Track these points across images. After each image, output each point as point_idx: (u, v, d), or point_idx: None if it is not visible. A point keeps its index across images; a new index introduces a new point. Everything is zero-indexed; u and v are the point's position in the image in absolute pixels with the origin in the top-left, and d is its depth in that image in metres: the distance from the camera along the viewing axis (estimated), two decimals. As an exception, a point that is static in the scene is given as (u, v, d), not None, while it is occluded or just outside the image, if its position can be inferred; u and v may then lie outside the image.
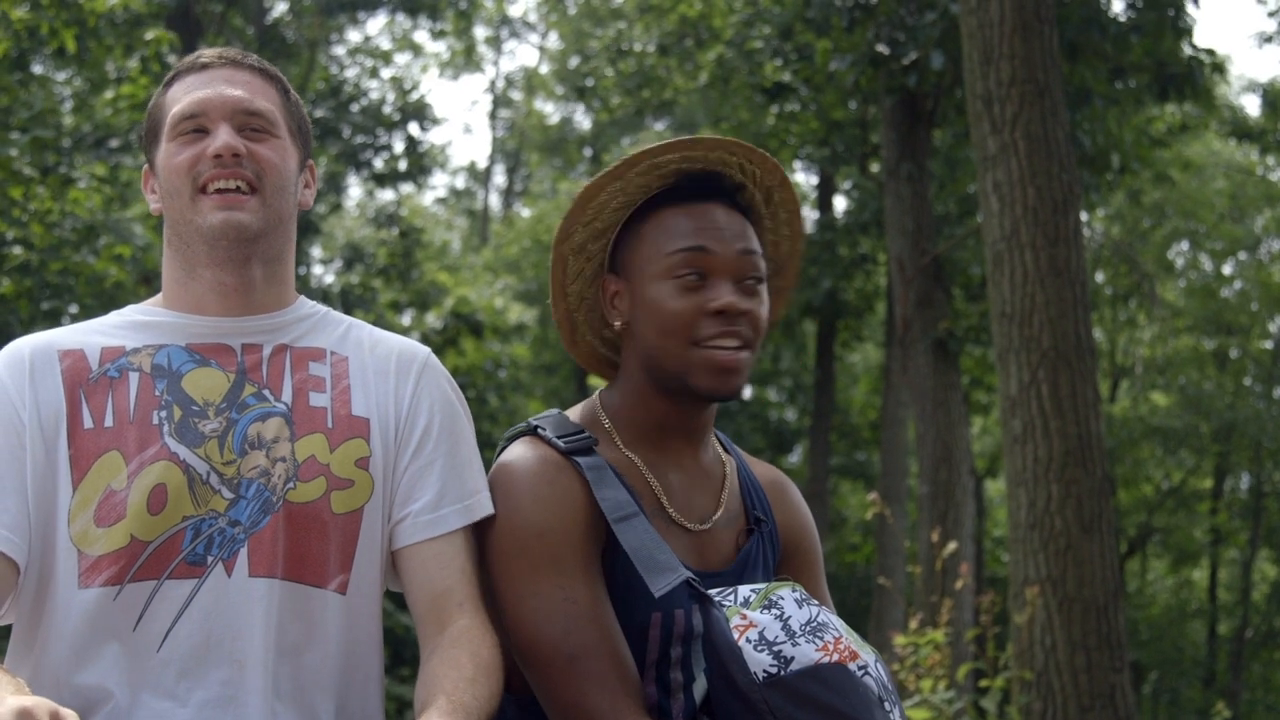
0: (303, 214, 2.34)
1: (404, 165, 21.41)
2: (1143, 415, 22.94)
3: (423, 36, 29.77)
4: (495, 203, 34.28)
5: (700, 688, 2.06)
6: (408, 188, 25.95)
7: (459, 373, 17.45)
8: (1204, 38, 53.32)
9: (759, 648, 1.99)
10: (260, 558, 2.05)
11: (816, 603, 2.08)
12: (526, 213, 29.98)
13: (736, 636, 2.00)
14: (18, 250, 11.38)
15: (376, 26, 39.34)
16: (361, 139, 21.01)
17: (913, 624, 6.03)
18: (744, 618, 2.02)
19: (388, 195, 23.61)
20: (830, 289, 17.42)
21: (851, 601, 21.68)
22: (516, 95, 33.13)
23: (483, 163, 39.08)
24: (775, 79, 15.34)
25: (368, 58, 24.19)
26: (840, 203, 20.57)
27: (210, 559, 2.04)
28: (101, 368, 2.14)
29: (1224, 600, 26.15)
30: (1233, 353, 24.27)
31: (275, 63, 2.38)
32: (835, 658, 2.00)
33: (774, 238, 2.38)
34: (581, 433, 2.21)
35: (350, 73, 23.10)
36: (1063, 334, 7.18)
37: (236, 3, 19.31)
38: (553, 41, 30.31)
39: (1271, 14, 18.11)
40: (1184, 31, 12.26)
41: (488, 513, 2.16)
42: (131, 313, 2.24)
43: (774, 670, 1.97)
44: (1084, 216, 14.07)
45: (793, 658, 1.98)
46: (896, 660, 5.88)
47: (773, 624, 2.02)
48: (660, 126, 22.80)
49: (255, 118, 2.19)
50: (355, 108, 21.01)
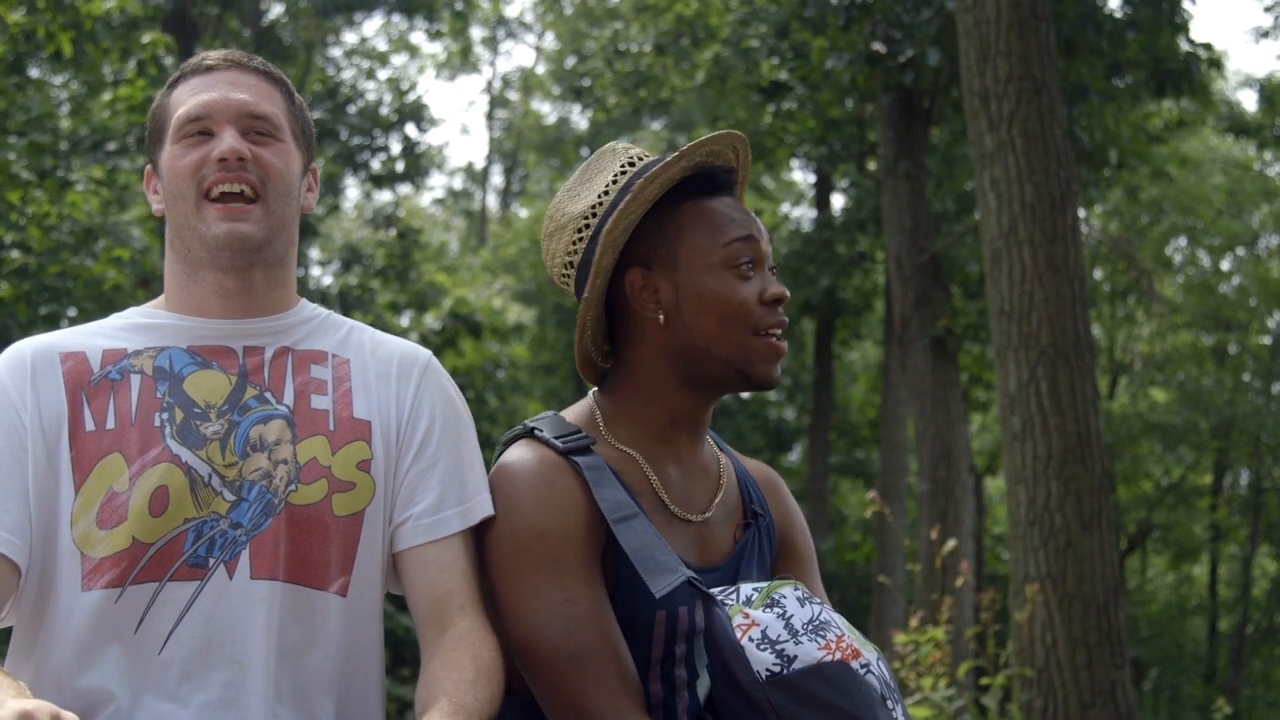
0: (300, 216, 2.34)
1: (401, 166, 21.42)
2: (1142, 412, 22.94)
3: (419, 37, 29.84)
4: (493, 203, 34.28)
5: (704, 685, 2.06)
6: (405, 189, 25.98)
7: (457, 373, 17.42)
8: (1201, 33, 53.39)
9: (761, 646, 1.99)
10: (262, 560, 2.05)
11: (819, 601, 2.08)
12: (524, 213, 29.97)
13: (739, 635, 2.00)
14: (16, 254, 11.38)
15: (373, 28, 39.32)
16: (359, 140, 21.01)
17: (913, 622, 6.02)
18: (746, 616, 2.02)
19: (385, 196, 23.60)
20: (828, 287, 17.43)
21: (852, 600, 21.66)
22: (513, 96, 33.13)
23: (480, 163, 39.10)
24: (772, 78, 15.33)
25: (364, 59, 24.20)
26: (838, 201, 20.58)
27: (212, 561, 2.04)
28: (103, 370, 2.14)
29: (1224, 596, 26.15)
30: (1231, 348, 24.27)
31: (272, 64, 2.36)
32: (838, 656, 2.00)
33: None
34: (579, 433, 2.20)
35: (347, 74, 23.11)
36: (1061, 331, 7.18)
37: (233, 5, 19.31)
38: (549, 42, 30.29)
39: (1268, 9, 18.08)
40: (1180, 27, 12.26)
41: (487, 514, 2.16)
42: (133, 315, 2.24)
43: (777, 669, 1.97)
44: (1082, 213, 14.08)
45: (795, 656, 1.98)
46: (897, 658, 5.88)
47: (775, 622, 2.01)
48: (657, 126, 22.79)
49: (260, 121, 2.19)
50: (352, 109, 21.01)
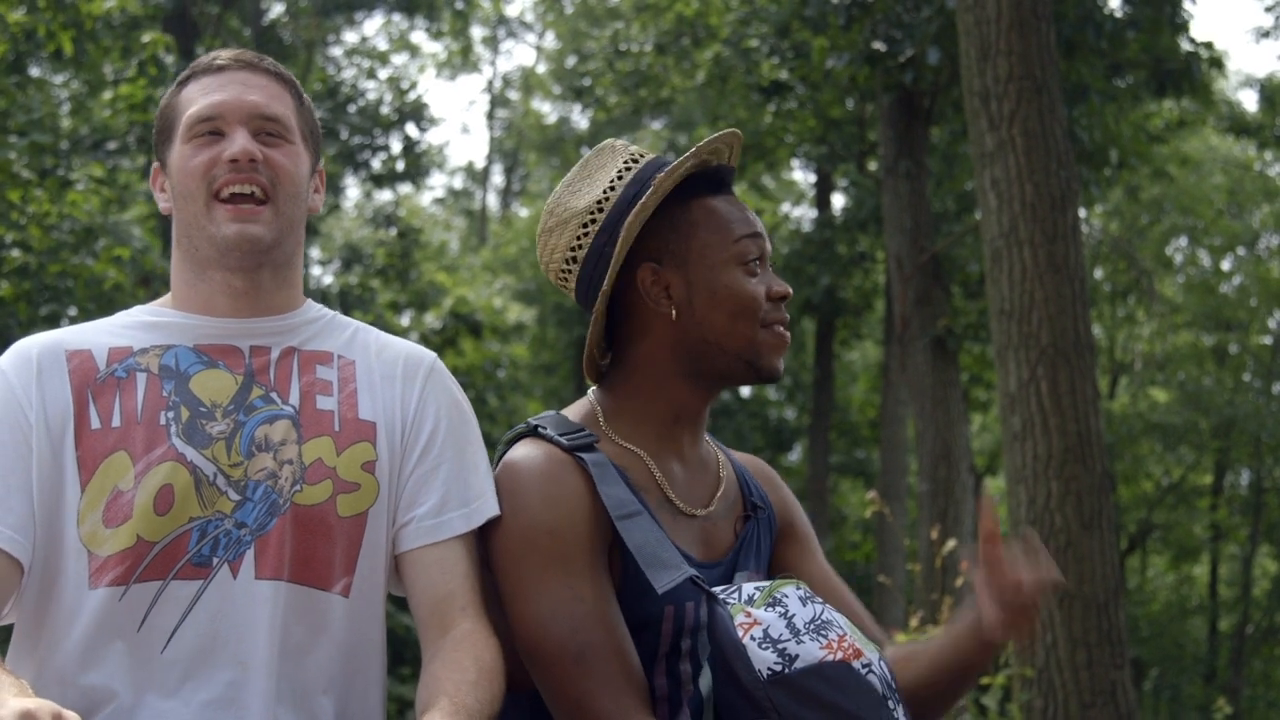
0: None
1: (402, 166, 21.42)
2: (1142, 411, 22.93)
3: (420, 37, 29.84)
4: (493, 203, 34.28)
5: (705, 680, 2.06)
6: (406, 188, 25.96)
7: (458, 373, 17.38)
8: (1201, 33, 53.36)
9: (763, 645, 1.99)
10: (266, 560, 2.06)
11: (821, 601, 2.09)
12: (524, 212, 29.98)
13: (741, 634, 2.00)
14: (16, 253, 11.38)
15: (373, 27, 39.29)
16: (359, 140, 21.01)
17: (913, 622, 6.03)
18: (748, 615, 2.02)
19: (386, 196, 23.59)
20: (829, 287, 17.41)
21: (852, 599, 21.62)
22: (514, 95, 33.12)
23: (480, 163, 39.07)
24: (772, 77, 15.33)
25: (365, 58, 24.19)
26: (838, 200, 20.57)
27: (216, 560, 2.05)
28: (109, 368, 2.14)
29: (1224, 596, 26.14)
30: (1232, 348, 24.26)
31: (272, 64, 2.38)
32: (839, 655, 2.00)
33: None
34: (583, 431, 2.21)
35: (347, 73, 23.10)
36: (1061, 330, 7.18)
37: (233, 4, 19.30)
38: (550, 41, 30.29)
39: (1268, 9, 18.07)
40: (1181, 27, 12.26)
41: (492, 515, 2.16)
42: (139, 313, 2.24)
43: (778, 668, 1.97)
44: (1082, 213, 14.06)
45: (797, 655, 1.98)
46: (897, 658, 5.87)
47: (777, 621, 2.02)
48: (657, 126, 22.78)
49: (271, 123, 2.19)
50: (352, 108, 21.00)
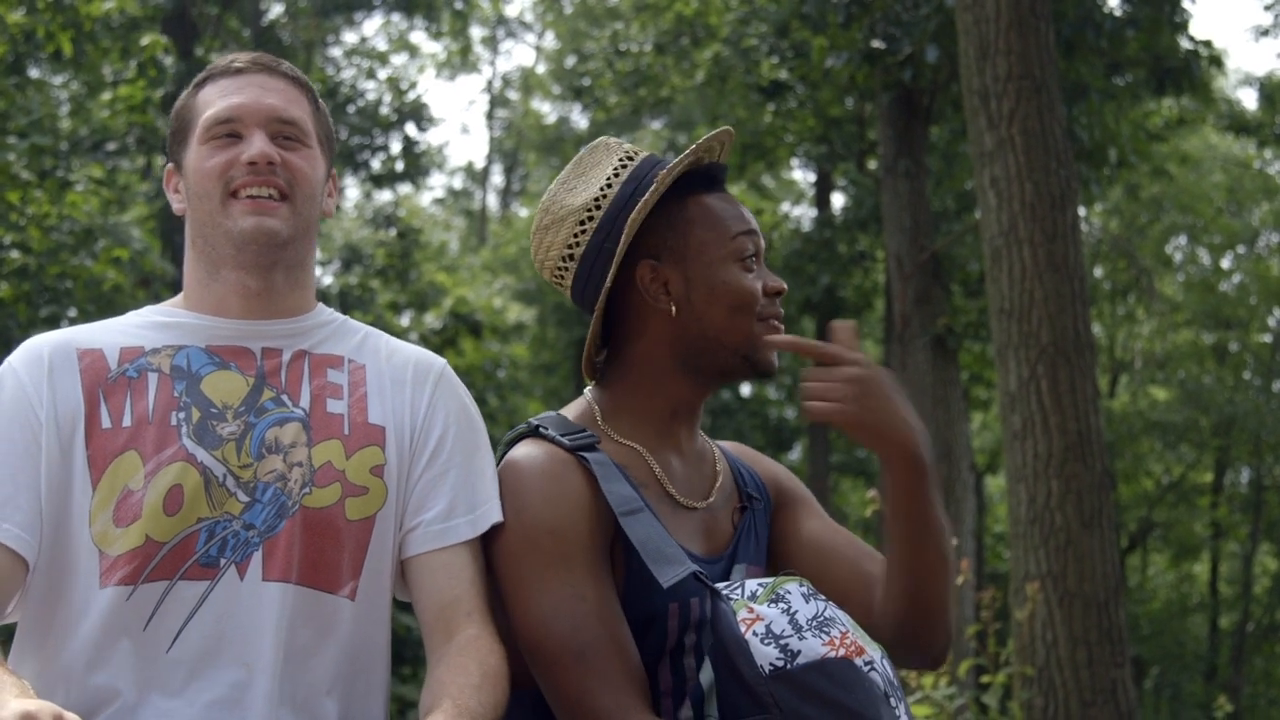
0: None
1: (401, 166, 21.43)
2: (1142, 410, 22.94)
3: (419, 37, 29.84)
4: (493, 203, 34.28)
5: (706, 673, 2.07)
6: (405, 188, 25.96)
7: (458, 373, 17.37)
8: (1200, 31, 53.40)
9: (765, 641, 1.99)
10: (275, 562, 2.06)
11: (824, 598, 2.09)
12: (524, 212, 29.99)
13: (744, 630, 2.00)
14: (15, 254, 11.39)
15: (372, 27, 39.29)
16: (358, 140, 21.01)
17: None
18: (751, 611, 2.03)
19: (385, 196, 23.59)
20: (829, 286, 17.40)
21: (852, 598, 21.62)
22: (513, 95, 33.13)
23: (480, 163, 39.08)
24: (772, 77, 15.33)
25: (364, 59, 24.19)
26: (838, 200, 20.57)
27: (223, 561, 2.05)
28: (120, 367, 2.15)
29: (1225, 594, 26.14)
30: (1232, 346, 24.25)
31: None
32: (841, 652, 2.00)
33: None
34: (584, 431, 2.23)
35: (347, 74, 23.10)
36: (1061, 329, 7.19)
37: (233, 5, 19.30)
38: (549, 41, 30.29)
39: (1268, 7, 18.06)
40: (1180, 26, 12.26)
41: (496, 520, 2.17)
42: (150, 313, 2.25)
43: (780, 664, 1.98)
44: (1081, 211, 14.08)
45: (799, 651, 1.99)
46: (898, 657, 5.88)
47: (779, 618, 2.02)
48: (657, 125, 22.77)
49: (289, 126, 2.21)
50: (352, 109, 21.01)
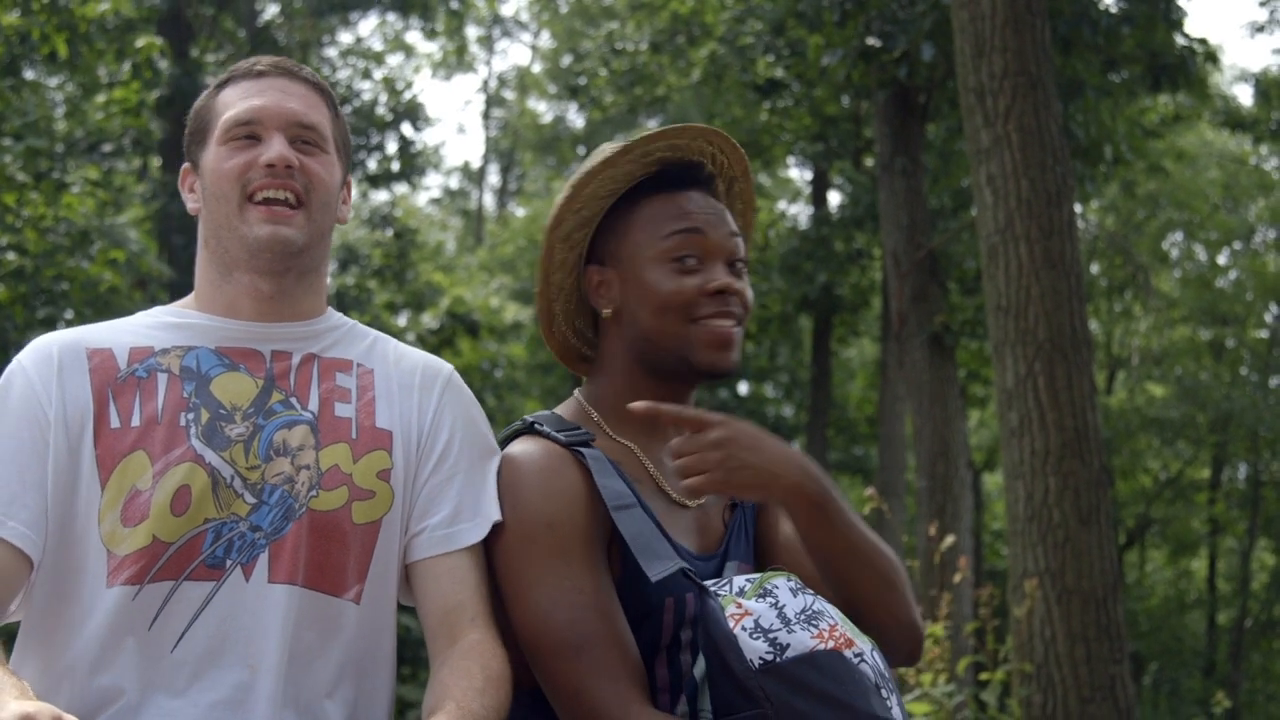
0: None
1: (397, 166, 21.40)
2: (1139, 406, 22.95)
3: (415, 37, 29.80)
4: (490, 202, 34.27)
5: (700, 669, 2.08)
6: (402, 188, 25.94)
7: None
8: (1196, 28, 53.43)
9: (754, 635, 2.00)
10: (281, 564, 2.07)
11: (811, 592, 2.09)
12: (521, 212, 30.00)
13: (732, 625, 2.01)
14: (12, 256, 11.38)
15: (368, 28, 39.34)
16: (355, 140, 20.92)
17: (912, 618, 6.01)
18: (739, 606, 2.03)
19: (382, 196, 23.58)
20: (825, 284, 17.41)
21: (851, 596, 21.60)
22: (509, 95, 33.12)
23: (476, 162, 39.05)
24: (768, 75, 15.33)
25: (360, 59, 24.16)
26: (834, 198, 20.57)
27: (229, 563, 2.06)
28: (130, 367, 2.15)
29: (1223, 590, 26.16)
30: (1229, 343, 24.26)
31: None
32: (831, 645, 2.01)
33: None
34: (578, 428, 2.24)
35: (342, 74, 23.07)
36: (1058, 326, 7.19)
37: (228, 5, 19.28)
38: (545, 40, 30.29)
39: (1263, 3, 18.09)
40: (1176, 23, 12.25)
41: (496, 519, 2.18)
42: (160, 313, 2.25)
43: (769, 657, 1.98)
44: (1078, 208, 14.07)
45: (788, 645, 1.99)
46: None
47: (768, 612, 2.02)
48: (653, 124, 22.78)
49: (308, 131, 2.22)
50: (348, 109, 20.98)
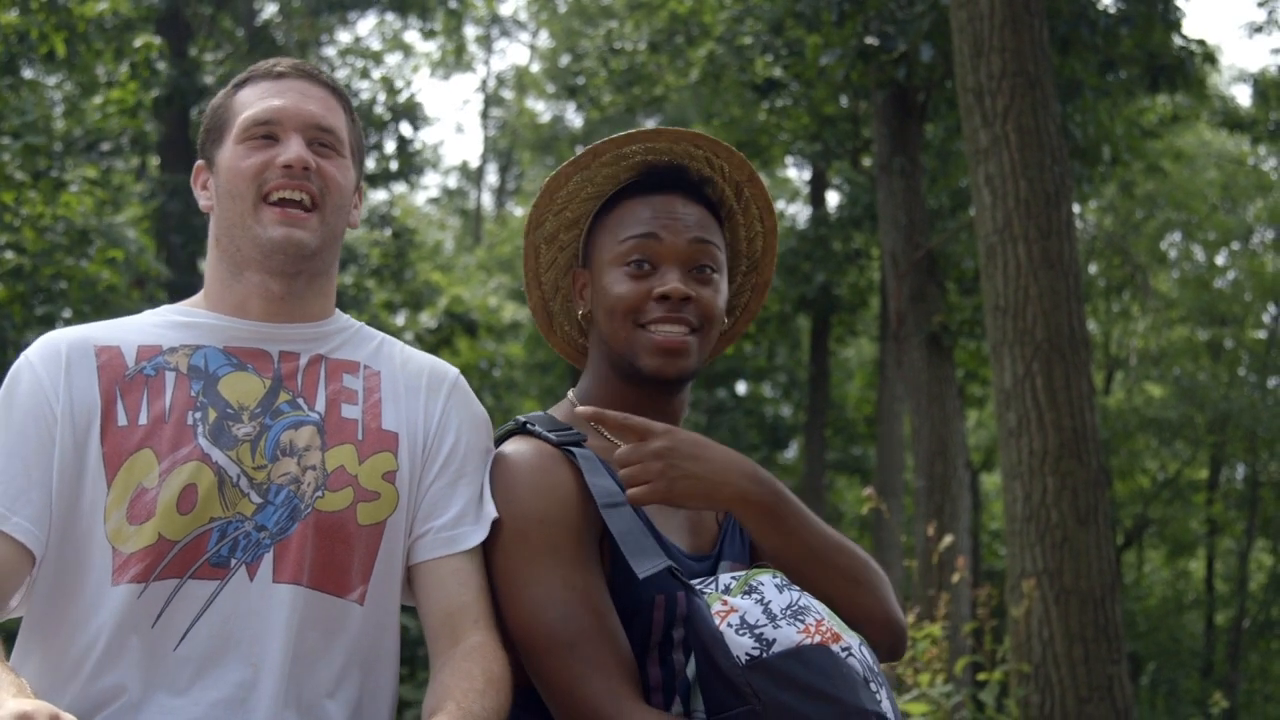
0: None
1: (396, 165, 21.38)
2: (1137, 407, 22.95)
3: (413, 36, 29.78)
4: (488, 202, 34.26)
5: (692, 669, 2.08)
6: (400, 188, 25.94)
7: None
8: (1194, 28, 53.47)
9: (740, 631, 2.00)
10: (286, 564, 2.07)
11: (798, 589, 2.10)
12: (519, 211, 29.98)
13: (718, 622, 2.01)
14: (10, 255, 11.37)
15: (367, 27, 39.32)
16: (353, 140, 20.88)
17: (910, 618, 6.03)
18: (725, 603, 2.04)
19: (380, 195, 23.58)
20: (824, 284, 17.42)
21: (849, 596, 21.59)
22: (508, 94, 33.10)
23: (475, 162, 39.06)
24: (766, 75, 15.33)
25: (358, 58, 24.15)
26: (833, 198, 20.57)
27: (234, 562, 2.06)
28: (137, 365, 2.15)
29: (1221, 591, 26.16)
30: (1227, 343, 24.27)
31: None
32: (817, 639, 2.01)
33: (748, 234, 2.43)
34: (570, 428, 2.26)
35: (341, 74, 23.07)
36: (1056, 326, 7.19)
37: (226, 5, 19.26)
38: (543, 40, 30.28)
39: (1261, 4, 18.09)
40: (1174, 23, 12.25)
41: (493, 517, 2.19)
42: (168, 312, 2.26)
43: (756, 653, 1.98)
44: (1076, 208, 14.08)
45: (774, 640, 1.99)
46: (894, 654, 5.86)
47: (753, 608, 2.03)
48: (651, 124, 22.78)
49: (326, 134, 2.23)
50: (347, 108, 20.89)
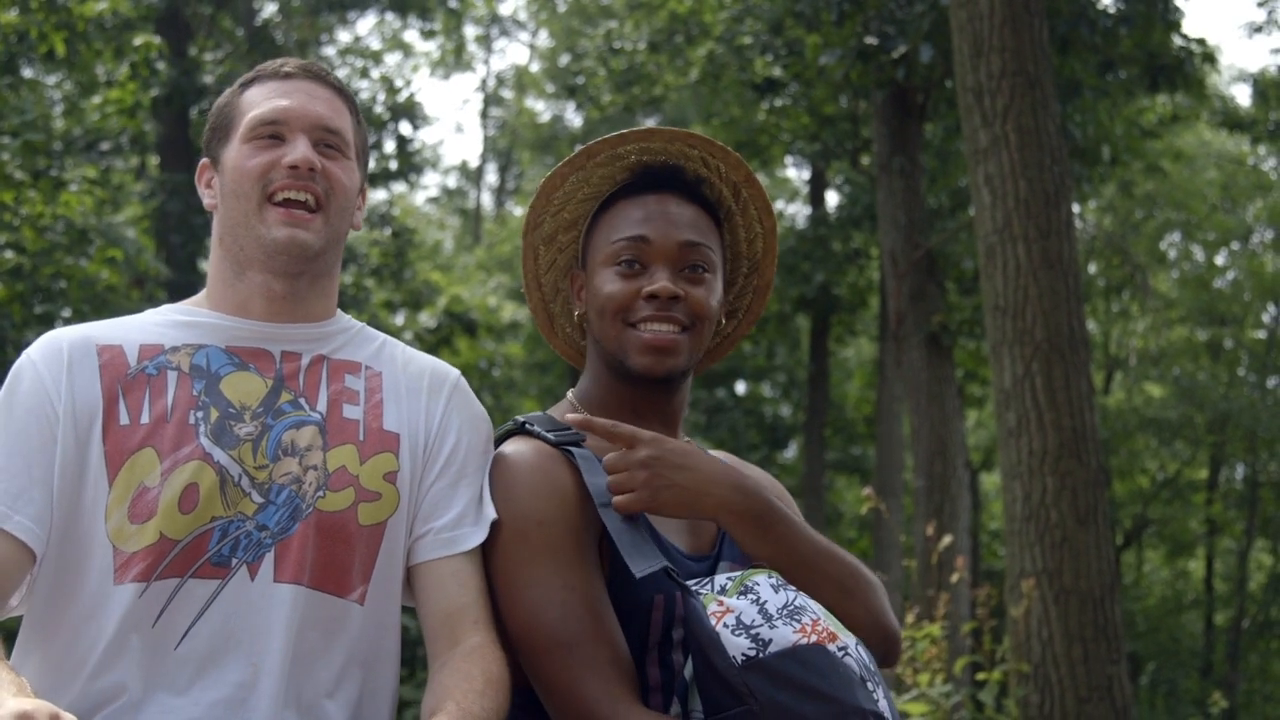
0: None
1: (395, 165, 21.38)
2: (1137, 407, 22.96)
3: (413, 36, 29.77)
4: (487, 201, 34.26)
5: (690, 670, 2.08)
6: (400, 187, 25.95)
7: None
8: (1194, 28, 53.43)
9: (736, 632, 2.00)
10: (287, 564, 2.07)
11: (793, 588, 2.10)
12: (518, 211, 29.98)
13: (714, 622, 2.01)
14: (10, 254, 11.36)
15: (366, 27, 39.31)
16: (352, 139, 20.87)
17: (910, 618, 6.03)
18: (721, 604, 2.04)
19: (380, 195, 23.58)
20: (823, 284, 17.42)
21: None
22: (507, 94, 33.10)
23: (474, 161, 39.06)
24: (766, 74, 15.32)
25: (358, 58, 24.15)
26: (832, 197, 20.57)
27: (235, 561, 2.06)
28: (139, 364, 2.16)
29: (1220, 590, 26.17)
30: (1226, 343, 24.28)
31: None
32: (814, 639, 2.01)
33: (747, 235, 2.42)
34: (569, 428, 2.25)
35: (341, 73, 23.06)
36: (1056, 326, 7.19)
37: (226, 4, 19.25)
38: (543, 40, 30.27)
39: (1261, 3, 18.09)
40: (1173, 23, 12.26)
41: (493, 518, 2.19)
42: (170, 311, 2.26)
43: (752, 653, 1.98)
44: (1076, 208, 14.08)
45: (770, 640, 1.99)
46: (893, 654, 5.86)
47: (749, 608, 2.03)
48: (651, 123, 22.77)
49: (332, 135, 2.23)
50: (346, 108, 20.88)
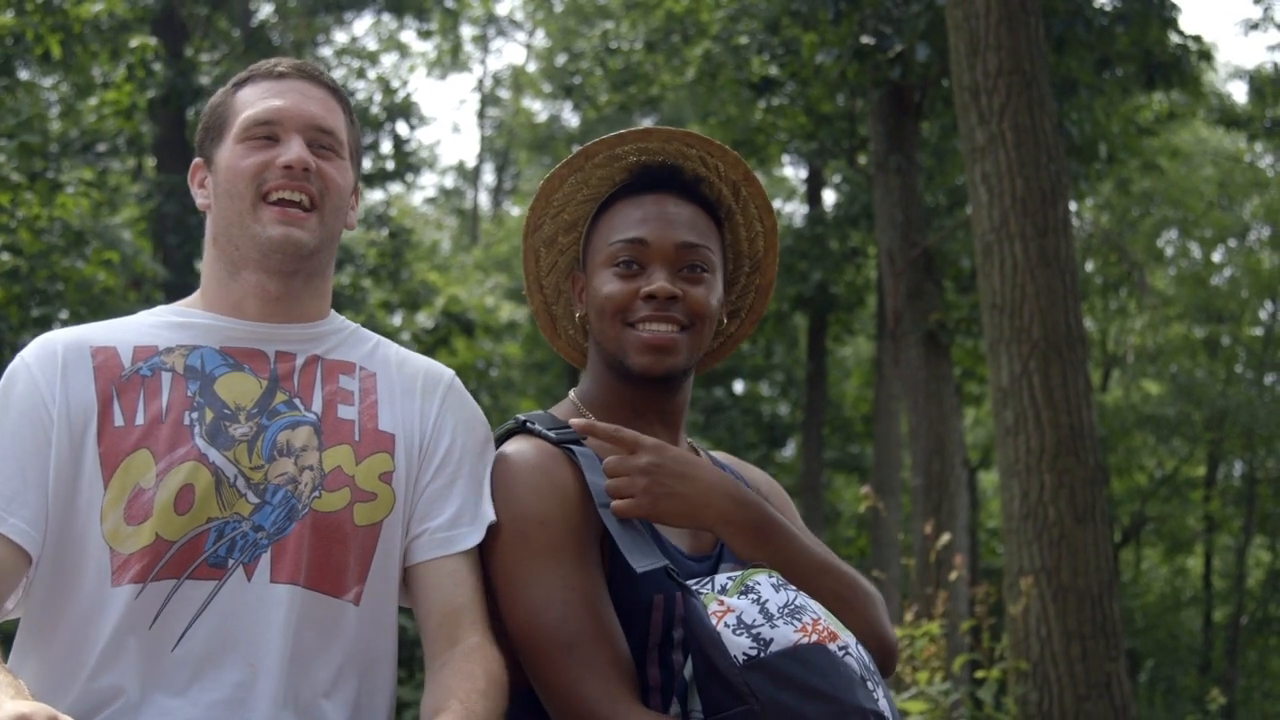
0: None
1: (392, 165, 21.38)
2: (1135, 404, 22.98)
3: (409, 36, 29.75)
4: (484, 201, 34.27)
5: (690, 669, 2.08)
6: (396, 188, 25.94)
7: (451, 372, 17.33)
8: (1190, 25, 53.40)
9: (737, 631, 2.00)
10: (283, 564, 2.07)
11: (794, 588, 2.09)
12: (516, 211, 29.99)
13: (715, 622, 2.01)
14: (6, 256, 11.36)
15: (363, 27, 39.32)
16: (350, 140, 20.86)
17: (908, 616, 6.04)
18: (721, 604, 2.04)
19: (376, 195, 23.58)
20: (821, 282, 17.43)
21: (847, 595, 21.60)
22: (504, 94, 33.09)
23: (471, 162, 39.08)
24: (762, 74, 15.33)
25: (354, 58, 24.15)
26: (829, 196, 20.59)
27: (231, 562, 2.06)
28: (134, 366, 2.15)
29: (1219, 587, 26.18)
30: (1224, 340, 24.30)
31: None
32: (814, 638, 2.01)
33: (748, 234, 2.42)
34: (569, 427, 2.25)
35: (337, 74, 23.06)
36: (1053, 324, 7.19)
37: (222, 5, 19.25)
38: (540, 40, 30.26)
39: (1257, 1, 18.11)
40: (1170, 20, 12.26)
41: (491, 520, 2.19)
42: (164, 312, 2.26)
43: (753, 653, 1.98)
44: (1073, 206, 14.08)
45: (771, 639, 1.99)
46: (892, 653, 5.86)
47: (750, 608, 2.03)
48: (648, 123, 22.77)
49: (326, 135, 2.23)
50: (343, 108, 20.86)
